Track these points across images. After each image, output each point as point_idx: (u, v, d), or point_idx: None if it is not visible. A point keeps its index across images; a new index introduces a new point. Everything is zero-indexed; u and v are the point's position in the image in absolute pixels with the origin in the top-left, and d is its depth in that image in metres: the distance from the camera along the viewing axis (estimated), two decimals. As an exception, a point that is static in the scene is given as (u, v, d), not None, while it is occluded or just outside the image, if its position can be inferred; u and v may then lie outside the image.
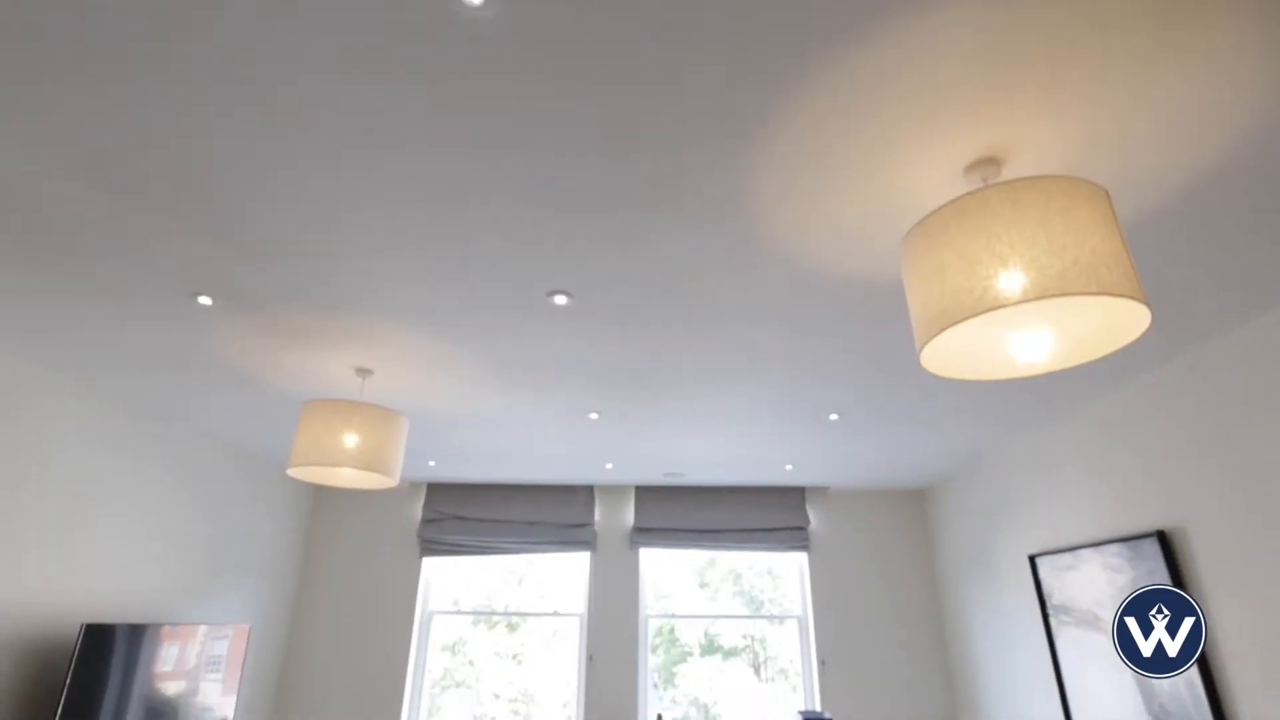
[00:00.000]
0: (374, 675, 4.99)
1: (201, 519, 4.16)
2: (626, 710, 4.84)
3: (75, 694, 3.00)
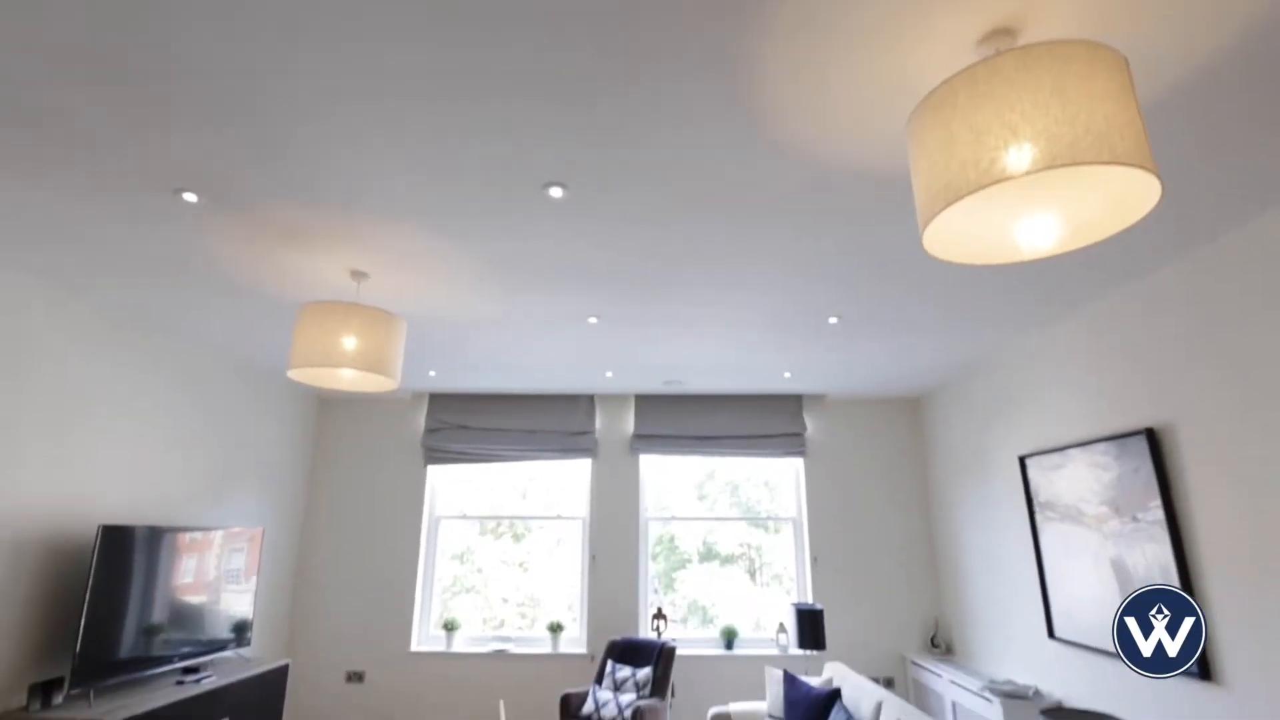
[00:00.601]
0: (385, 578, 5.23)
1: (207, 427, 4.24)
2: (628, 607, 5.10)
3: (99, 592, 3.14)
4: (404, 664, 5.04)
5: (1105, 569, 3.24)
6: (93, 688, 3.10)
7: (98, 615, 3.12)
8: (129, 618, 3.29)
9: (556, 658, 4.99)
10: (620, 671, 4.24)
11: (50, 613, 3.14)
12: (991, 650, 4.34)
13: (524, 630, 5.24)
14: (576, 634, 5.14)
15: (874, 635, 5.05)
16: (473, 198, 2.27)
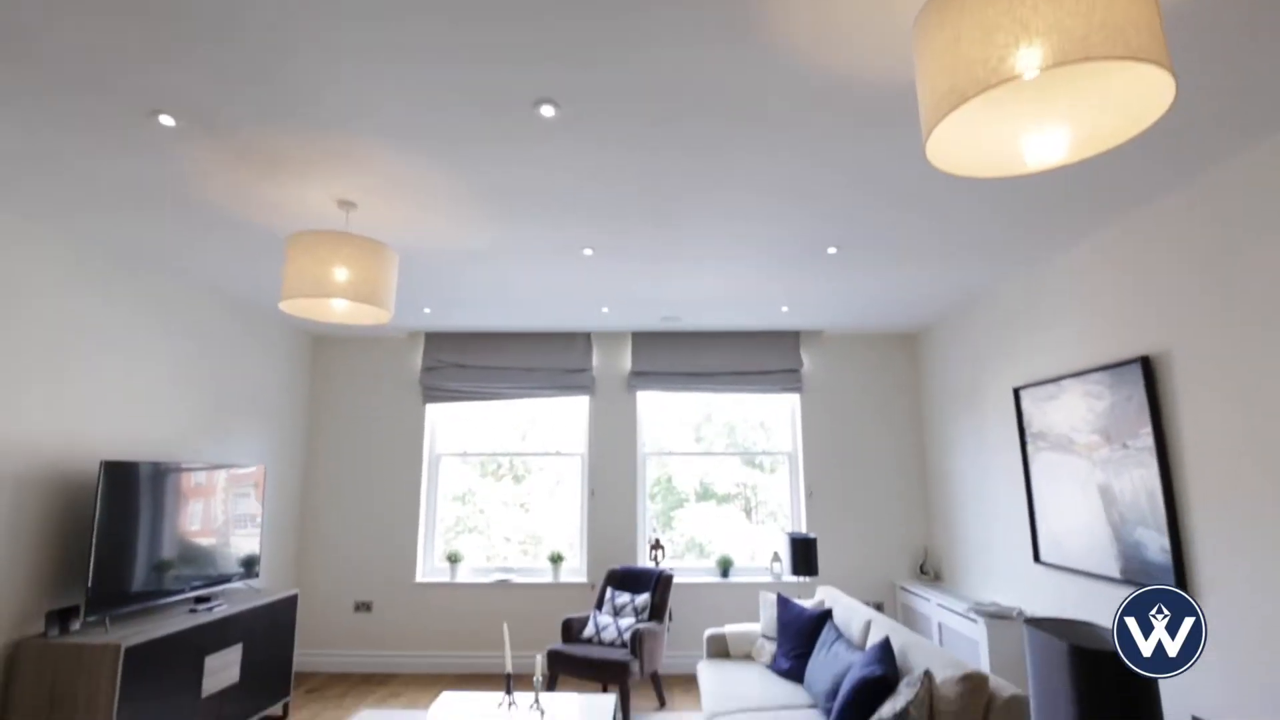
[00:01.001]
0: (388, 514, 5.33)
1: (203, 366, 4.23)
2: (626, 539, 5.23)
3: (106, 526, 3.20)
4: (410, 594, 5.19)
5: (1093, 495, 3.31)
6: (108, 615, 3.19)
7: (107, 549, 3.18)
8: (138, 551, 3.37)
9: (557, 586, 5.15)
10: (619, 598, 4.38)
11: (61, 546, 3.21)
12: (978, 575, 4.48)
13: (526, 562, 5.38)
14: (577, 564, 5.29)
15: (865, 563, 5.21)
16: (462, 119, 2.19)
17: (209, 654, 3.47)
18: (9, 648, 2.95)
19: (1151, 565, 2.94)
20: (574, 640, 4.21)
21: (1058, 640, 1.67)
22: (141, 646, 3.03)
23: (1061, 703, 1.64)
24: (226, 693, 3.58)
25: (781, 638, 3.63)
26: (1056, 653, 1.66)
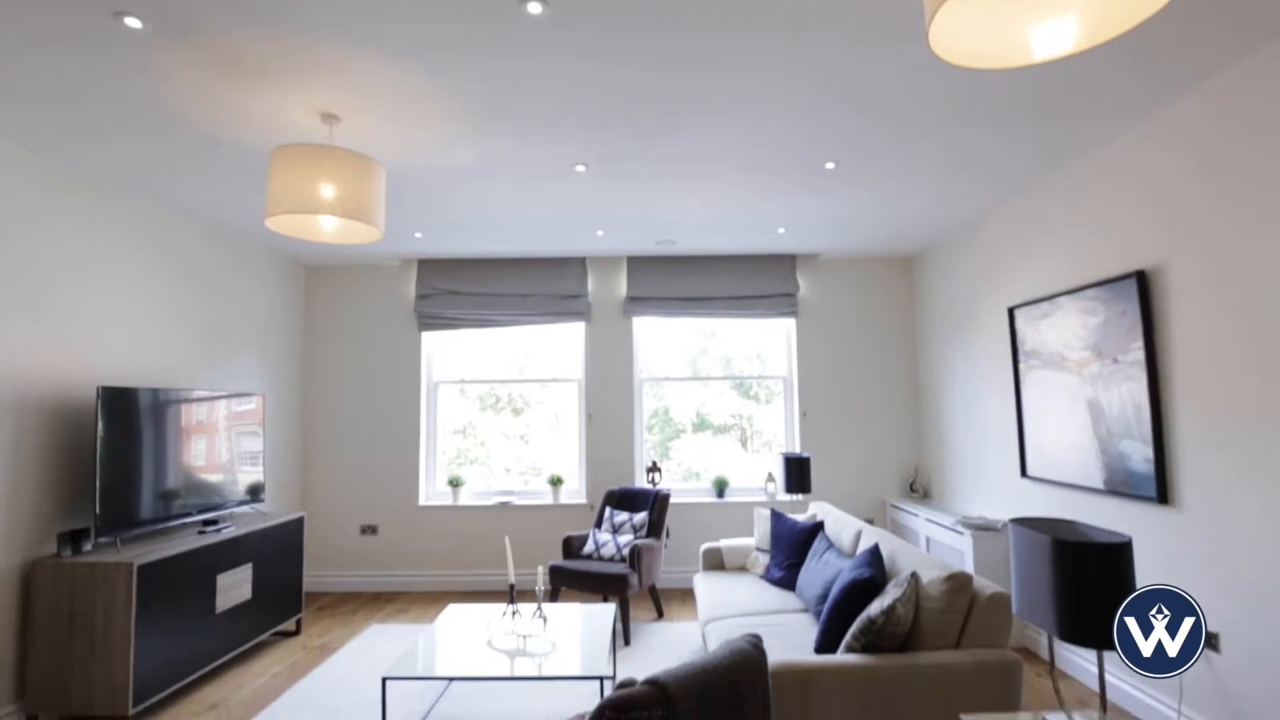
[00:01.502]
0: (390, 440, 5.41)
1: (194, 295, 4.19)
2: (624, 462, 5.33)
3: (110, 451, 3.23)
4: (413, 517, 5.33)
5: (1081, 410, 3.37)
6: (118, 537, 3.27)
7: (112, 473, 3.23)
8: (143, 475, 3.42)
9: (558, 508, 5.29)
10: (618, 516, 4.50)
11: (65, 471, 3.25)
12: (966, 492, 4.61)
13: (527, 486, 5.51)
14: (576, 487, 5.41)
15: (857, 482, 5.35)
16: (447, 24, 2.09)
17: (220, 572, 3.58)
18: (25, 567, 3.04)
19: (1134, 475, 3.03)
20: (574, 556, 4.36)
21: (1041, 535, 1.73)
22: (153, 565, 3.13)
23: (1042, 593, 1.72)
24: (240, 609, 3.72)
25: (774, 549, 3.77)
26: (1040, 547, 1.72)
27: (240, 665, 3.78)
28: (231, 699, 3.35)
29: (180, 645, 3.28)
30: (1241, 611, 2.52)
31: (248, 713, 3.18)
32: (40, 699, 2.97)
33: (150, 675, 3.07)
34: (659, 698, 1.31)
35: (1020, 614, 1.83)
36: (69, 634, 2.98)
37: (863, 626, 2.20)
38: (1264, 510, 2.41)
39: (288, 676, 3.61)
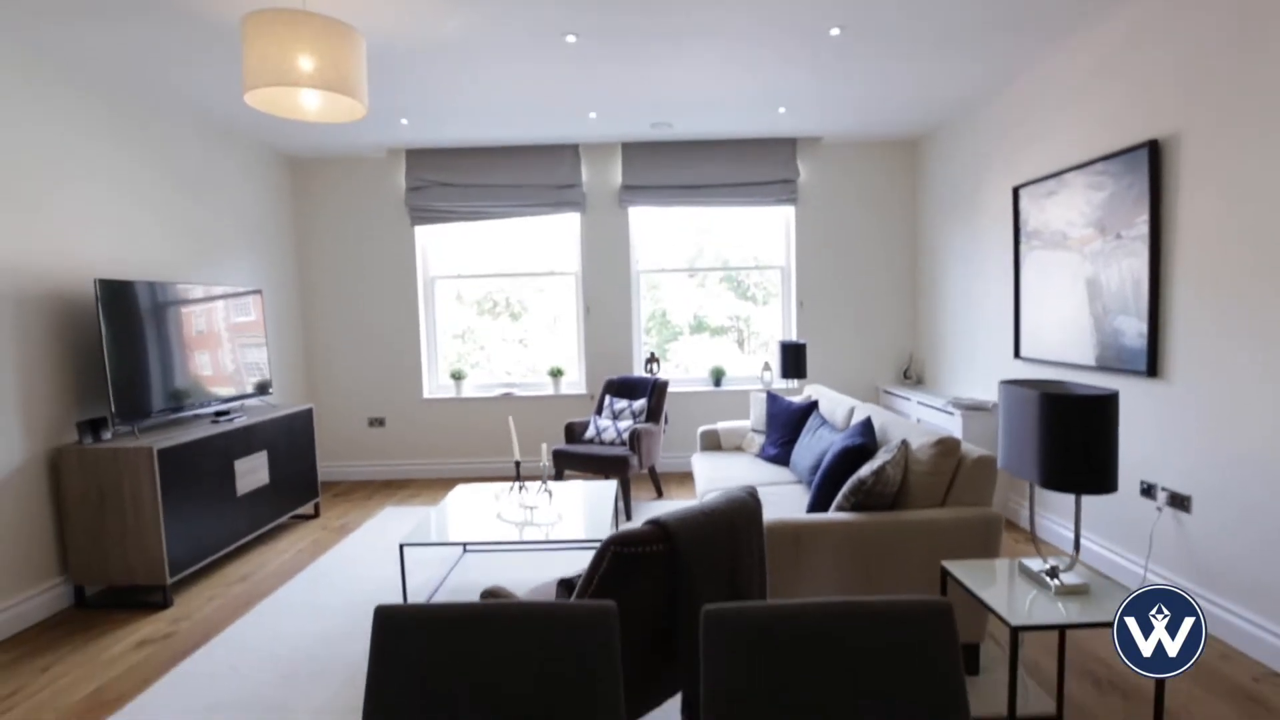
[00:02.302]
0: (390, 336, 5.45)
1: (180, 192, 4.09)
2: (623, 353, 5.40)
3: (116, 345, 3.26)
4: (418, 410, 5.47)
5: (1079, 288, 3.39)
6: (135, 425, 3.37)
7: (121, 365, 3.28)
8: (151, 367, 3.47)
9: (559, 398, 5.42)
10: (618, 404, 4.62)
11: (75, 363, 3.30)
12: (958, 376, 4.71)
13: (528, 378, 5.61)
14: (576, 378, 5.52)
15: (851, 369, 5.44)
16: None
17: (237, 458, 3.72)
18: (50, 454, 3.15)
19: (1127, 351, 3.08)
20: (576, 441, 4.51)
21: (1030, 390, 1.79)
22: (172, 450, 3.24)
23: (1027, 446, 1.80)
24: (259, 493, 3.90)
25: (769, 429, 3.89)
26: (1028, 401, 1.78)
27: (265, 544, 4.00)
28: (260, 572, 3.58)
29: (206, 524, 3.45)
30: (1217, 476, 2.64)
31: (277, 582, 3.41)
32: (83, 572, 3.17)
33: (182, 550, 3.26)
34: (660, 535, 1.40)
35: (1005, 467, 1.92)
36: (101, 514, 3.13)
37: (853, 487, 2.31)
38: (1257, 379, 2.47)
39: (311, 552, 3.84)
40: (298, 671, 2.55)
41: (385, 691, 1.05)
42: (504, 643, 1.05)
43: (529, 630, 1.05)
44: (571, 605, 1.05)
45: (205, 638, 2.86)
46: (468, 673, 1.03)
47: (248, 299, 4.29)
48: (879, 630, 1.03)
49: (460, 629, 1.05)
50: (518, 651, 1.05)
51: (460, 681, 1.02)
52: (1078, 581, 1.84)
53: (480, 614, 1.06)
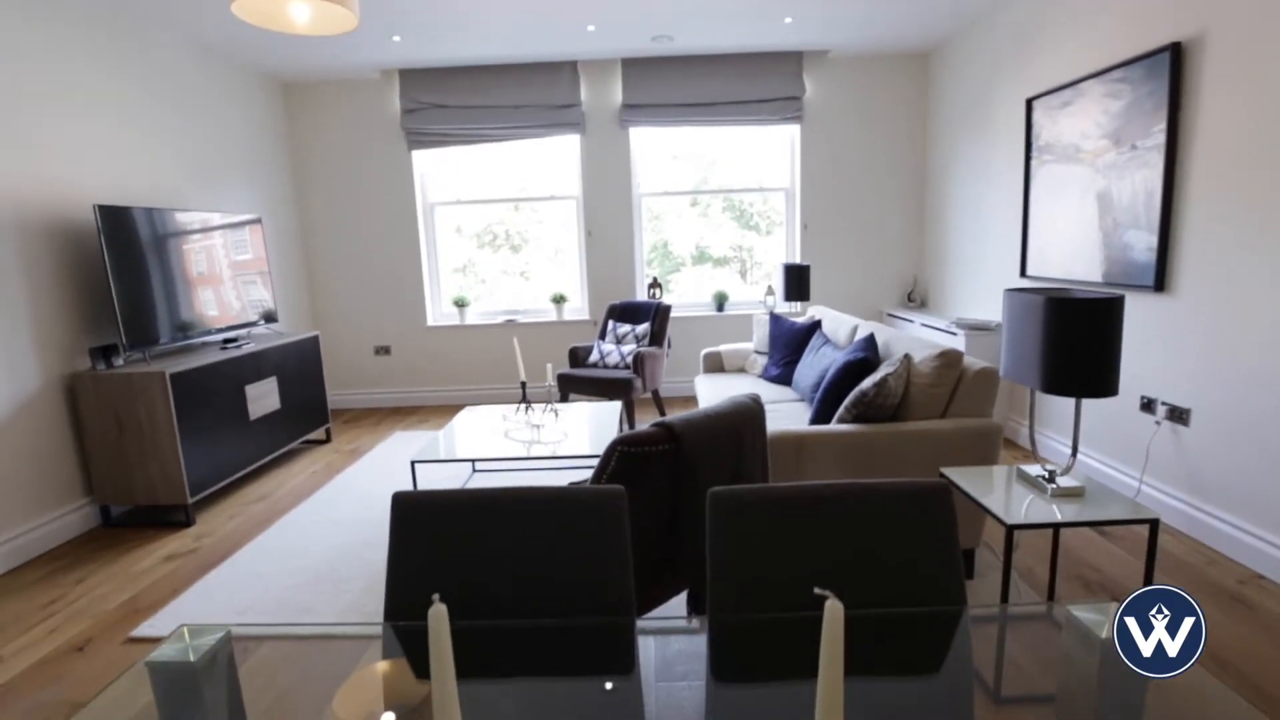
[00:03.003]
0: (392, 264, 5.42)
1: (176, 119, 4.00)
2: (625, 278, 5.37)
3: (120, 271, 3.25)
4: (423, 337, 5.50)
5: (1089, 203, 3.33)
6: (145, 352, 3.41)
7: (127, 292, 3.28)
8: (156, 293, 3.47)
9: (562, 324, 5.43)
10: (621, 328, 4.64)
11: (82, 290, 3.31)
12: (963, 298, 4.69)
13: (531, 305, 5.61)
14: (579, 305, 5.52)
15: (855, 293, 5.42)
16: None
17: (247, 383, 3.77)
18: (65, 379, 3.20)
19: (1134, 265, 3.06)
20: (580, 365, 4.55)
21: (1035, 295, 1.79)
22: (184, 374, 3.29)
23: (1030, 351, 1.81)
24: (271, 418, 3.97)
25: (772, 349, 3.92)
26: (1033, 307, 1.79)
27: (280, 467, 4.11)
28: (277, 491, 3.69)
29: (222, 447, 3.54)
30: (1219, 389, 2.66)
31: (294, 501, 3.52)
32: (107, 492, 3.28)
33: (200, 472, 3.36)
34: (666, 435, 1.43)
35: (1007, 375, 1.94)
36: (119, 437, 3.21)
37: (855, 399, 2.35)
38: (1266, 291, 2.45)
39: (325, 474, 3.95)
40: (321, 579, 2.67)
41: (404, 572, 1.12)
42: (517, 525, 1.10)
43: (541, 513, 1.10)
44: (582, 489, 1.10)
45: (229, 551, 2.99)
46: (482, 554, 1.08)
47: (246, 229, 4.25)
48: (879, 510, 1.07)
49: (475, 513, 1.10)
50: (530, 534, 1.10)
51: (475, 562, 1.07)
52: (1073, 484, 1.90)
53: (494, 498, 1.11)
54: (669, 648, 0.84)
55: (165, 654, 1.02)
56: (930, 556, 1.06)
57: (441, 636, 0.46)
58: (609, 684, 0.73)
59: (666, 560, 1.53)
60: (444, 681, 0.46)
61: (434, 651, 0.46)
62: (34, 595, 2.68)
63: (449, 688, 0.46)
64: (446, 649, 0.46)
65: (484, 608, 1.05)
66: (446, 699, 0.46)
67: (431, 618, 0.46)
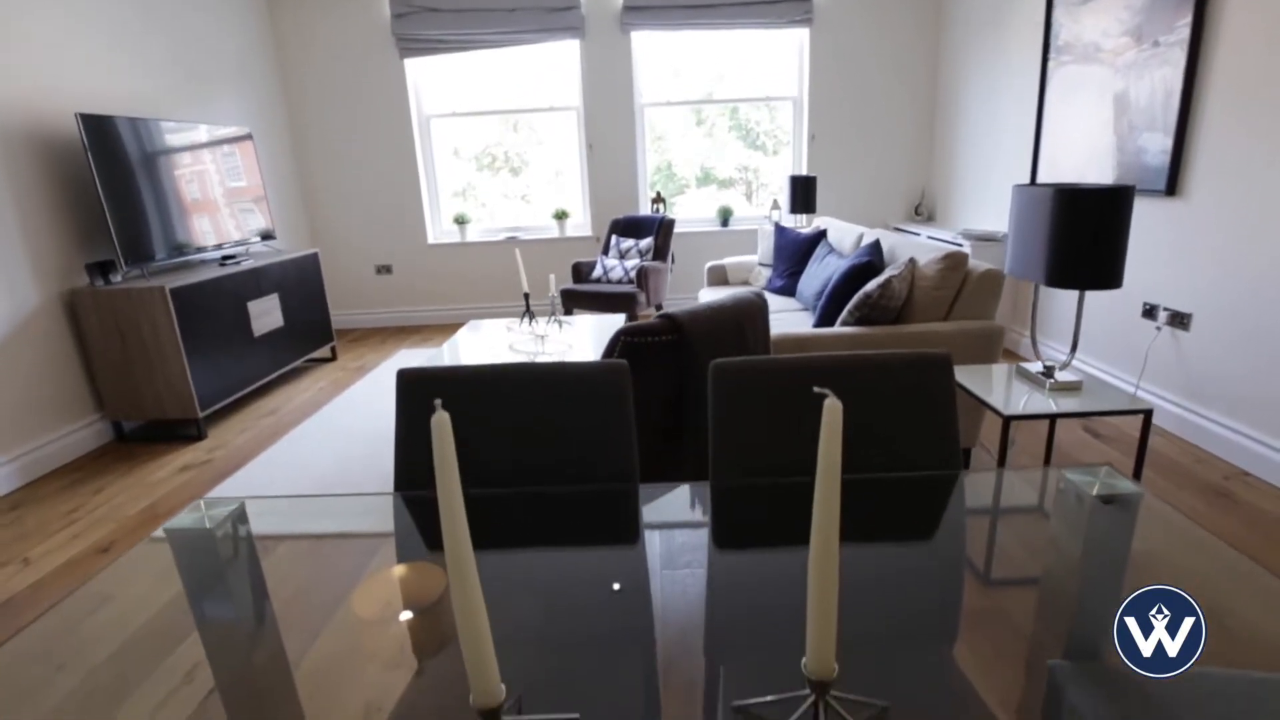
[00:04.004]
0: (389, 179, 5.29)
1: (151, 20, 3.80)
2: (627, 191, 5.26)
3: (109, 184, 3.18)
4: (424, 256, 5.45)
5: (1105, 105, 3.22)
6: (143, 268, 3.39)
7: (118, 205, 3.21)
8: (149, 207, 3.41)
9: (564, 240, 5.37)
10: (624, 243, 4.58)
11: (72, 204, 3.25)
12: (971, 209, 4.60)
13: (533, 221, 5.52)
14: (581, 221, 5.43)
15: (861, 205, 5.31)
16: None
17: (249, 300, 3.77)
18: (65, 296, 3.20)
19: (1148, 169, 2.98)
20: (584, 281, 4.53)
21: (1043, 188, 1.75)
22: (184, 289, 3.28)
23: (1036, 246, 1.79)
24: (275, 334, 3.98)
25: (776, 260, 3.88)
26: (1041, 200, 1.75)
27: (287, 383, 4.16)
28: (286, 406, 3.75)
29: (228, 363, 3.57)
30: (1222, 294, 2.65)
31: (303, 415, 3.59)
32: (118, 408, 3.33)
33: (208, 387, 3.40)
34: (670, 326, 1.44)
35: (1012, 271, 1.93)
36: (124, 353, 3.23)
37: (858, 302, 2.34)
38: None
39: (332, 389, 4.00)
40: (332, 485, 2.75)
41: (411, 445, 1.15)
42: (523, 399, 1.12)
43: (546, 388, 1.12)
44: (586, 364, 1.11)
45: (242, 462, 3.06)
46: (488, 428, 1.10)
47: (236, 147, 4.13)
48: (881, 379, 1.09)
49: (480, 388, 1.12)
50: (536, 407, 1.12)
51: (481, 436, 1.09)
52: (1072, 379, 1.92)
53: (498, 373, 1.13)
54: (673, 540, 0.87)
55: (182, 522, 1.07)
56: (928, 427, 1.08)
57: (445, 445, 0.47)
58: (616, 585, 0.76)
59: (669, 450, 1.57)
60: (450, 495, 0.48)
61: (438, 460, 0.47)
62: (56, 504, 2.77)
63: (455, 501, 0.48)
64: (451, 459, 0.47)
65: (491, 479, 1.08)
66: (453, 512, 0.48)
67: (435, 425, 0.47)
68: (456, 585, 0.49)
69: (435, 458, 0.47)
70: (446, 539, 0.49)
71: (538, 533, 1.02)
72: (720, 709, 0.62)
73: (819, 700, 0.54)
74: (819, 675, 0.52)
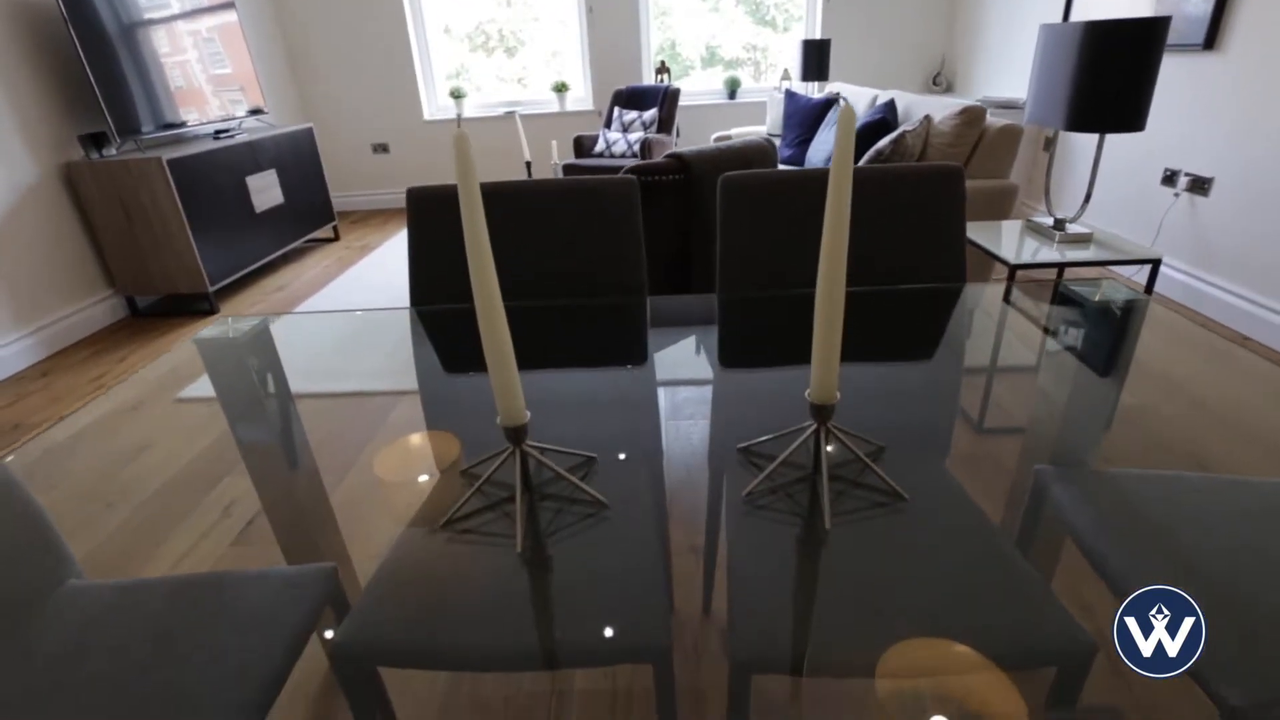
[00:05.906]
0: (381, 55, 5.02)
1: None
2: (630, 59, 4.99)
3: (93, 51, 3.03)
4: (421, 132, 5.27)
5: (1149, -52, 2.98)
6: (137, 140, 3.30)
7: (104, 78, 3.08)
8: (132, 78, 3.27)
9: (565, 114, 5.17)
10: (627, 115, 4.41)
11: (60, 77, 3.12)
12: (993, 77, 4.37)
13: (532, 95, 5.30)
14: (582, 94, 5.20)
15: (877, 74, 5.04)
16: None
17: (248, 175, 3.69)
18: (61, 169, 3.14)
19: (1187, 20, 2.80)
20: (586, 155, 4.40)
21: (1071, 25, 1.66)
22: (181, 161, 3.21)
23: (1058, 89, 1.72)
24: (277, 211, 3.94)
25: (786, 129, 3.74)
26: (1068, 37, 1.67)
27: (294, 262, 4.16)
28: (294, 283, 3.77)
29: (233, 238, 3.56)
30: (1247, 156, 2.56)
31: (312, 290, 3.61)
32: (129, 283, 3.36)
33: (216, 263, 3.40)
34: (678, 165, 1.42)
35: (1032, 118, 1.87)
36: (129, 227, 3.21)
37: (870, 158, 2.28)
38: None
39: (338, 267, 4.00)
40: (346, 349, 2.82)
41: (423, 262, 1.18)
42: (534, 211, 1.14)
43: (555, 204, 1.13)
44: (595, 179, 1.12)
45: (258, 332, 3.12)
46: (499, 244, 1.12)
47: (219, 14, 3.89)
48: (892, 192, 1.09)
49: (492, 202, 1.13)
50: (547, 219, 1.14)
51: (496, 243, 1.11)
52: (1082, 230, 1.90)
53: (509, 189, 1.13)
54: (678, 395, 0.90)
55: (210, 333, 1.12)
56: (937, 240, 1.09)
57: (465, 162, 0.48)
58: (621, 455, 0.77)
59: (676, 282, 1.59)
60: (474, 216, 0.50)
61: (460, 178, 0.49)
62: (82, 372, 2.86)
63: (478, 218, 0.50)
64: (473, 178, 0.49)
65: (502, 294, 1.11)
66: (477, 234, 0.50)
67: (455, 140, 0.48)
68: (483, 311, 0.51)
69: (457, 176, 0.48)
70: (471, 262, 0.51)
71: (551, 350, 1.06)
72: (724, 505, 0.64)
73: (821, 427, 0.58)
74: (821, 399, 0.56)
